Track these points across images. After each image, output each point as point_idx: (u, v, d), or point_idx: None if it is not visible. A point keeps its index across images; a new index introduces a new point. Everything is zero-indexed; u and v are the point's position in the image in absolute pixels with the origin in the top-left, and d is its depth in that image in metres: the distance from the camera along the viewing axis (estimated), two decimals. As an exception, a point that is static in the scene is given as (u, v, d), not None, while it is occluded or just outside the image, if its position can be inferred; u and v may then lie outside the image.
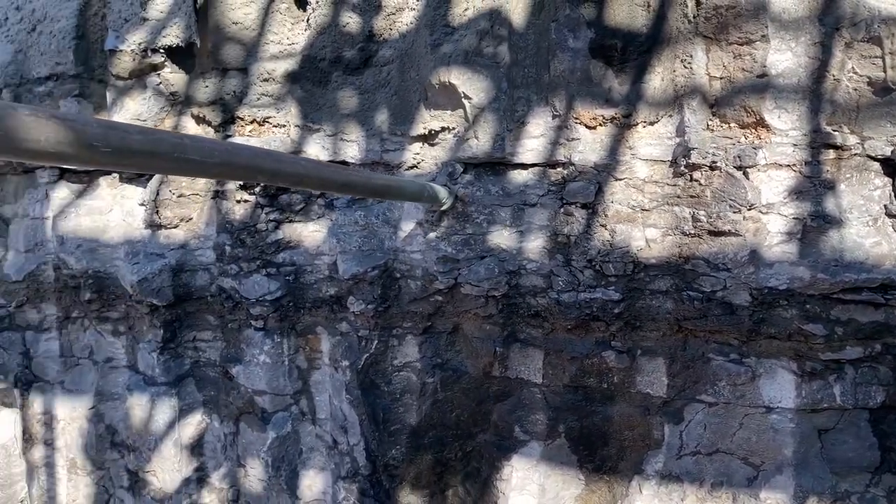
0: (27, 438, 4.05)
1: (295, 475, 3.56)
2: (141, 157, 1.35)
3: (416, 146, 3.26)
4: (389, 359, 3.38)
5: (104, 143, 1.26)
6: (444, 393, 3.35)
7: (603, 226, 2.97)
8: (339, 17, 3.32)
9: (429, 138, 3.23)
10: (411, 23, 3.24)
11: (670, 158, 2.90)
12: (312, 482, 3.55)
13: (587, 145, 2.98)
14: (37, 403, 3.99)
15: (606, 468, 3.18)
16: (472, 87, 3.04)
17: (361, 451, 3.40)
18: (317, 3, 3.33)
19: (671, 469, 3.07)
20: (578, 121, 2.99)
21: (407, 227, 3.30)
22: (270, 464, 3.54)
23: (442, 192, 2.98)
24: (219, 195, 3.59)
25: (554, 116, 3.02)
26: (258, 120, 3.45)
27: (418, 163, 3.27)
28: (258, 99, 3.46)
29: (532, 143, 3.06)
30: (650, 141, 2.93)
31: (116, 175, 3.76)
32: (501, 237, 3.13)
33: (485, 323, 3.23)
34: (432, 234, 3.23)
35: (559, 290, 3.05)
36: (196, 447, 3.71)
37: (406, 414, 3.37)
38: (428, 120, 3.20)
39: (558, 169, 3.05)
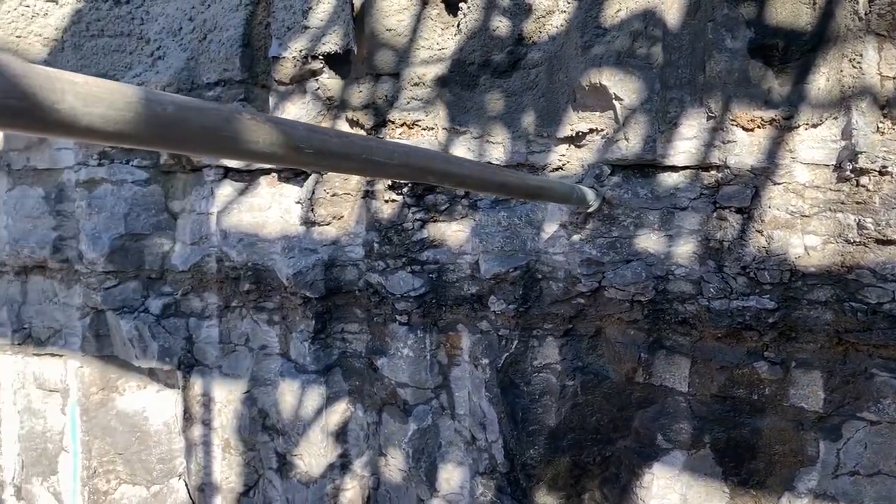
0: (187, 418, 4.38)
1: (434, 468, 3.65)
2: (336, 158, 1.44)
3: (563, 148, 3.27)
4: (529, 359, 3.41)
5: (308, 145, 1.36)
6: (585, 396, 3.34)
7: (759, 231, 2.87)
8: (489, 22, 3.38)
9: (575, 140, 3.23)
10: (561, 25, 3.26)
11: (834, 162, 2.77)
12: (450, 476, 3.63)
13: (744, 148, 2.89)
14: (197, 385, 4.30)
15: (753, 482, 3.07)
16: (623, 88, 3.02)
17: (500, 449, 3.45)
18: (468, 8, 3.41)
19: (826, 488, 2.92)
20: (735, 122, 2.90)
21: (550, 228, 3.32)
22: (411, 455, 3.66)
23: (590, 194, 2.97)
24: (368, 195, 3.74)
25: (709, 118, 2.95)
26: (408, 123, 3.57)
27: (563, 164, 3.28)
28: (408, 103, 3.58)
29: (684, 145, 3.00)
30: (812, 144, 2.80)
31: (275, 175, 4.00)
32: (649, 241, 3.08)
33: (629, 328, 3.19)
34: (576, 237, 3.23)
35: (710, 297, 2.97)
36: (341, 434, 3.89)
37: (545, 415, 3.39)
38: (575, 121, 3.20)
39: (712, 172, 2.97)
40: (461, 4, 3.45)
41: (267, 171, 4.03)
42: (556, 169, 3.28)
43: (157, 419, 4.57)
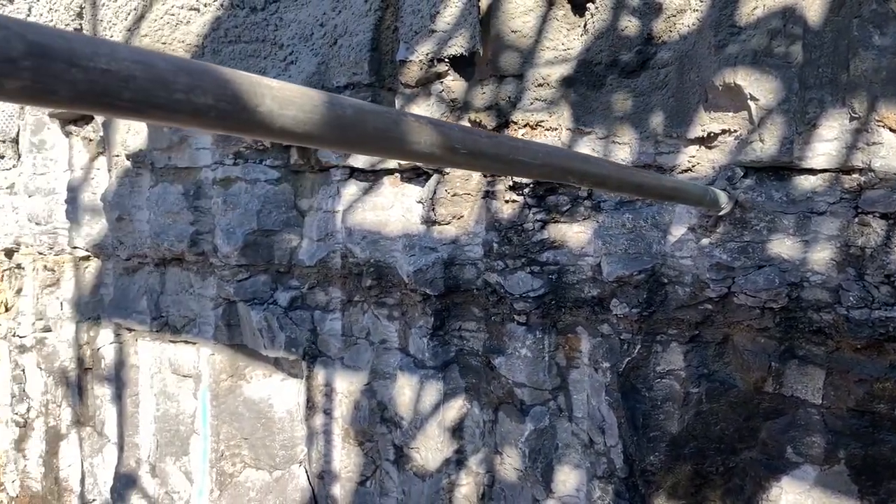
0: (310, 406, 4.56)
1: (550, 469, 3.66)
2: (486, 159, 1.48)
3: (692, 149, 3.20)
4: (652, 364, 3.36)
5: (462, 145, 1.41)
6: (709, 405, 3.26)
7: (907, 238, 2.71)
8: (617, 21, 3.35)
9: (706, 141, 3.15)
10: (693, 24, 3.19)
11: None
12: (567, 478, 3.62)
13: (891, 150, 2.74)
14: (320, 376, 4.48)
15: (893, 503, 2.90)
16: (759, 88, 2.93)
17: (619, 454, 3.41)
18: (596, 8, 3.39)
19: (978, 515, 2.73)
20: (882, 123, 2.75)
21: (678, 231, 3.25)
22: (527, 454, 3.67)
23: (722, 197, 2.90)
24: (489, 195, 3.79)
25: (852, 119, 2.81)
26: (531, 123, 3.59)
27: (693, 166, 3.21)
28: (531, 103, 3.60)
29: (824, 147, 2.87)
30: (970, 146, 2.63)
31: (398, 175, 4.11)
32: (783, 246, 2.97)
33: (759, 336, 3.09)
34: (705, 240, 3.15)
35: (849, 307, 2.83)
36: (457, 430, 3.95)
37: (666, 422, 3.33)
38: (707, 122, 3.12)
39: (854, 175, 2.83)
40: (589, 5, 3.43)
41: (390, 172, 4.15)
42: (685, 170, 3.21)
43: (281, 407, 4.79)
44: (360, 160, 4.18)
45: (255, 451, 4.86)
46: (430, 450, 3.99)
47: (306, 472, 4.73)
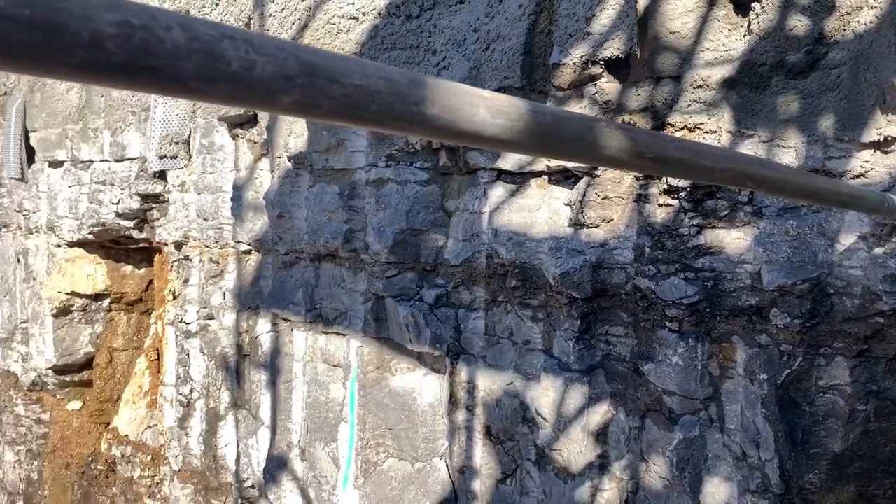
0: (452, 402, 4.68)
1: (698, 480, 3.57)
2: (671, 164, 1.50)
3: (866, 153, 3.03)
4: (814, 378, 3.21)
5: (649, 150, 1.43)
6: (878, 423, 3.07)
7: None
8: (785, 21, 3.23)
9: (882, 145, 2.98)
10: (871, 22, 3.02)
11: None
12: (716, 490, 3.52)
13: None
14: (463, 373, 4.59)
15: None
16: (948, 89, 2.73)
17: (774, 469, 3.29)
18: (761, 8, 3.28)
19: None
20: None
21: (847, 239, 3.09)
22: (675, 464, 3.60)
23: (902, 205, 2.73)
24: (641, 198, 3.74)
25: None
26: (689, 126, 3.52)
27: (865, 171, 3.04)
28: (689, 105, 3.53)
29: None
30: None
31: (546, 177, 4.15)
32: (971, 258, 2.76)
33: (939, 353, 2.88)
34: (879, 250, 2.98)
35: None
36: (601, 435, 3.94)
37: (828, 439, 3.17)
38: (883, 125, 2.95)
39: None
40: (753, 4, 3.33)
41: (538, 174, 4.19)
42: (857, 176, 3.04)
43: (423, 400, 4.94)
44: (508, 162, 4.25)
45: (398, 442, 5.04)
46: (573, 453, 3.99)
47: (447, 465, 4.86)
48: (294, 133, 5.39)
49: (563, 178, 4.10)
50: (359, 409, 5.18)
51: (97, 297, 8.49)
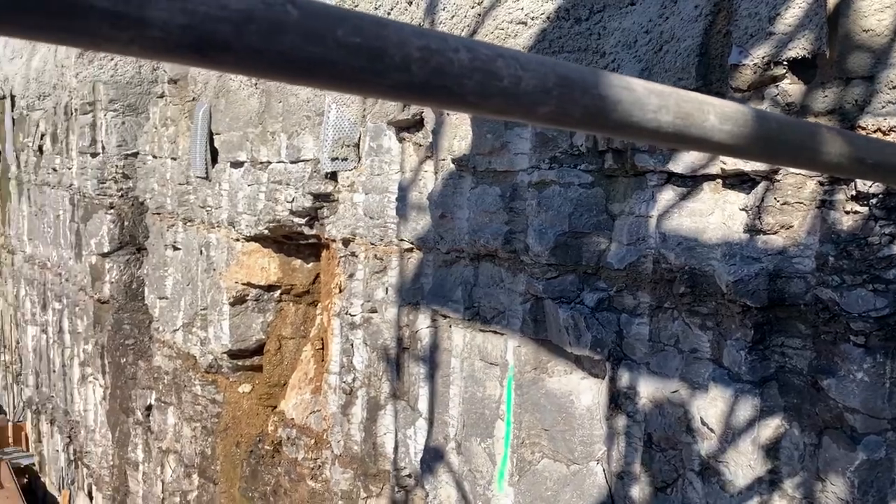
0: (612, 407, 4.66)
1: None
2: (889, 169, 1.45)
3: None
4: None
5: (868, 156, 1.40)
6: None
7: None
8: None
9: None
10: None
11: None
12: (905, 518, 3.30)
13: None
14: (624, 378, 4.55)
15: None
16: None
17: (976, 500, 3.03)
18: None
19: None
20: None
21: None
22: (857, 486, 3.40)
23: None
24: (825, 205, 3.56)
25: None
26: (883, 129, 3.32)
27: None
28: (884, 107, 3.32)
29: None
30: None
31: (720, 181, 4.03)
32: None
33: None
34: None
35: None
36: (772, 450, 3.78)
37: None
38: None
39: None
40: (964, -3, 3.08)
41: (711, 178, 4.08)
42: None
43: (581, 403, 4.94)
44: (679, 165, 4.18)
45: (554, 443, 5.08)
46: (741, 466, 3.86)
47: (604, 470, 4.83)
48: (458, 136, 5.56)
49: (739, 182, 3.97)
50: (515, 408, 5.26)
51: (269, 288, 9.13)
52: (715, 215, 4.04)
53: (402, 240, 6.39)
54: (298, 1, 0.71)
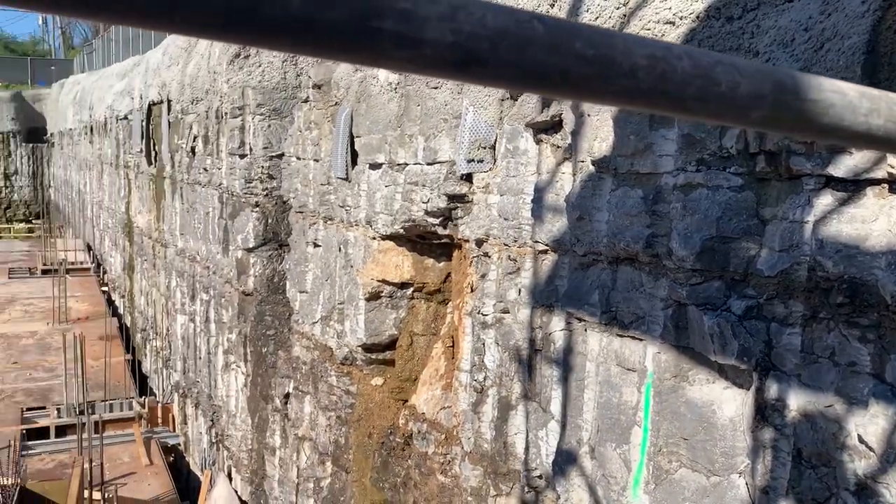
0: (758, 419, 4.48)
1: None
2: None
3: None
4: None
5: None
6: None
7: None
8: None
9: None
10: None
11: None
12: None
13: None
14: (772, 389, 4.37)
15: None
16: None
17: None
18: None
19: None
20: None
21: None
22: None
23: None
24: None
25: None
26: None
27: None
28: None
29: None
30: None
31: (885, 185, 3.80)
32: None
33: None
34: None
35: None
36: (942, 474, 3.53)
37: None
38: None
39: None
40: None
41: (876, 182, 3.86)
42: None
43: (723, 414, 4.79)
44: (840, 168, 3.97)
45: (693, 453, 4.94)
46: (905, 489, 3.63)
47: (747, 484, 4.66)
48: (599, 138, 5.53)
49: (907, 187, 3.73)
50: (653, 415, 5.16)
51: (402, 285, 9.41)
52: (879, 222, 3.81)
53: (536, 241, 6.42)
54: (544, 17, 0.77)
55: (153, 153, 22.41)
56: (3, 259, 41.77)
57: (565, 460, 5.94)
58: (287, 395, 12.34)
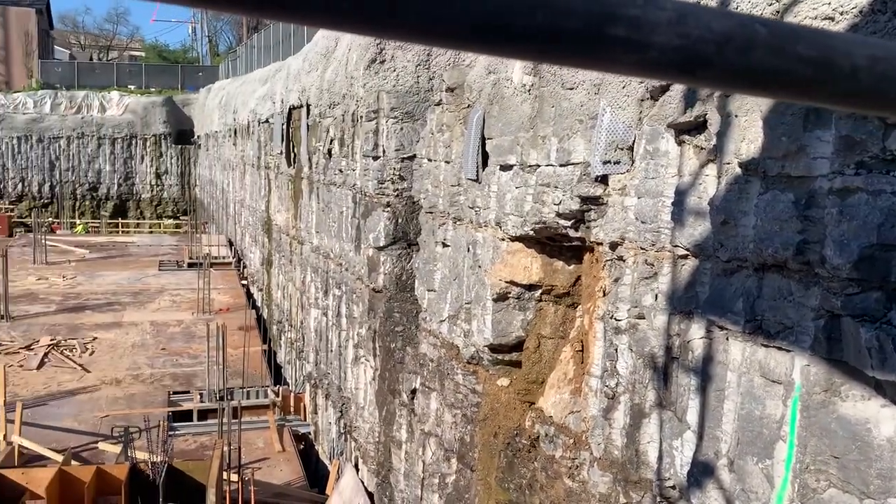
0: (921, 441, 4.16)
1: None
2: None
3: None
4: None
5: None
6: None
7: None
8: None
9: None
10: None
11: None
12: None
13: None
14: (939, 410, 4.05)
15: None
16: None
17: None
18: None
19: None
20: None
21: None
22: None
23: None
24: None
25: None
26: None
27: None
28: None
29: None
30: None
31: None
32: None
33: None
34: None
35: None
36: None
37: None
38: None
39: None
40: None
41: None
42: None
43: (880, 433, 4.48)
44: None
45: (844, 473, 4.66)
46: None
47: (907, 510, 4.34)
48: (747, 139, 5.32)
49: None
50: (800, 430, 4.91)
51: (530, 287, 9.41)
52: None
53: (676, 245, 6.25)
54: (766, 20, 0.77)
55: (292, 155, 23.57)
56: (154, 252, 45.26)
57: (701, 472, 5.74)
58: (414, 391, 12.63)
